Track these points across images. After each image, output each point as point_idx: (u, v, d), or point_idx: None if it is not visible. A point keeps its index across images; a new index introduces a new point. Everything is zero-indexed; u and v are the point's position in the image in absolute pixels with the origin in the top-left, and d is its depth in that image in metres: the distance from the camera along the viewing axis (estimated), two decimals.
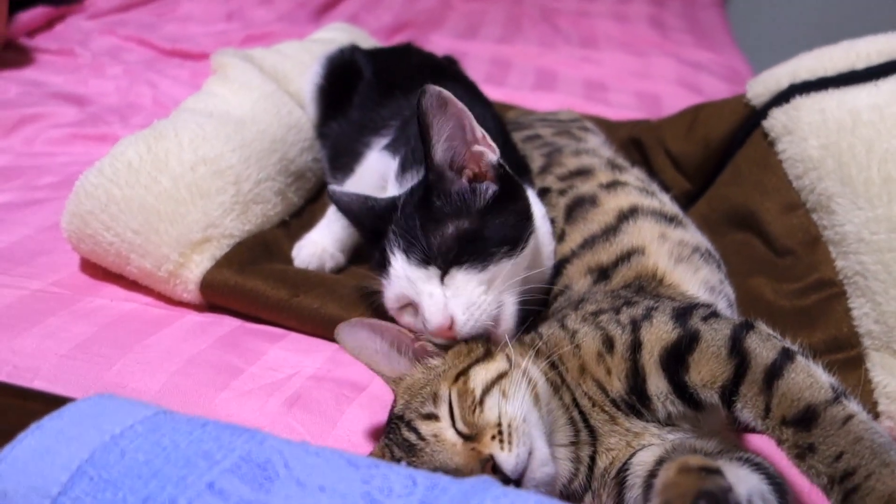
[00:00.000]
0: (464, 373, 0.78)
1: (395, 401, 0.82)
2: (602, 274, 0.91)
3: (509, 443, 0.70)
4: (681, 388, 0.73)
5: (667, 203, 1.02)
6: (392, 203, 0.90)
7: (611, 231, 0.94)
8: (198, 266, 1.04)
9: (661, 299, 0.83)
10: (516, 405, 0.73)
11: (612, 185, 1.02)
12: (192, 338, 0.99)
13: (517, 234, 0.86)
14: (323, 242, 1.14)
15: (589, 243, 0.95)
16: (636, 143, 1.29)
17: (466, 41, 2.33)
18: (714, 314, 0.78)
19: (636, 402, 0.76)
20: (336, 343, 0.99)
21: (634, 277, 0.88)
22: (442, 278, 0.85)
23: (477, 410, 0.74)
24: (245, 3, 2.49)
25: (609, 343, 0.78)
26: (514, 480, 0.70)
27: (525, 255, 0.87)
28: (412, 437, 0.75)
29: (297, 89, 1.33)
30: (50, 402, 0.69)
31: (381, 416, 0.88)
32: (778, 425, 0.67)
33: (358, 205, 0.95)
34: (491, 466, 0.70)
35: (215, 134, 1.11)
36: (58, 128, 1.57)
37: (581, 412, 0.78)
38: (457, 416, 0.74)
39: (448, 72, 1.27)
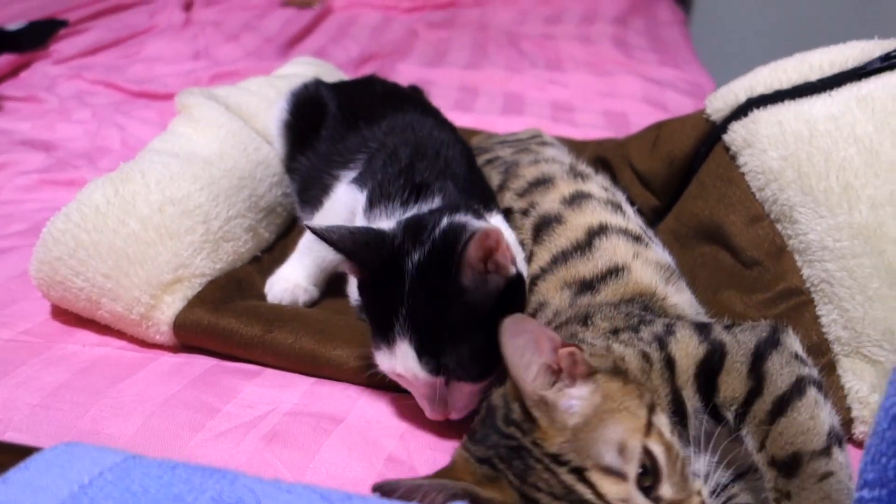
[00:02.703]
0: (651, 423, 0.67)
1: (536, 432, 0.67)
2: (585, 286, 0.91)
3: None
4: (712, 406, 0.73)
5: (632, 218, 1.03)
6: (389, 244, 0.88)
7: (583, 247, 0.94)
8: (169, 307, 1.03)
9: (672, 317, 0.83)
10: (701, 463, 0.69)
11: (576, 199, 1.02)
12: (166, 380, 0.98)
13: None
14: (295, 277, 1.14)
15: (559, 259, 0.95)
16: (603, 161, 1.31)
17: (434, 69, 2.35)
18: (736, 324, 0.78)
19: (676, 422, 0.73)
20: (312, 377, 1.00)
21: (634, 294, 0.88)
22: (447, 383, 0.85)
23: (681, 472, 0.65)
24: (211, 41, 2.49)
25: (647, 359, 0.75)
26: None
27: None
28: (586, 492, 0.63)
29: (263, 126, 1.34)
30: (21, 454, 0.68)
31: (360, 447, 0.88)
32: (766, 464, 0.68)
33: (352, 242, 0.89)
34: None
35: (182, 174, 1.11)
36: (25, 174, 1.56)
37: None
38: (664, 477, 0.64)
39: (412, 101, 1.28)
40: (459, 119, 1.79)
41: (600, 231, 0.96)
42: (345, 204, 1.10)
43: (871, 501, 0.57)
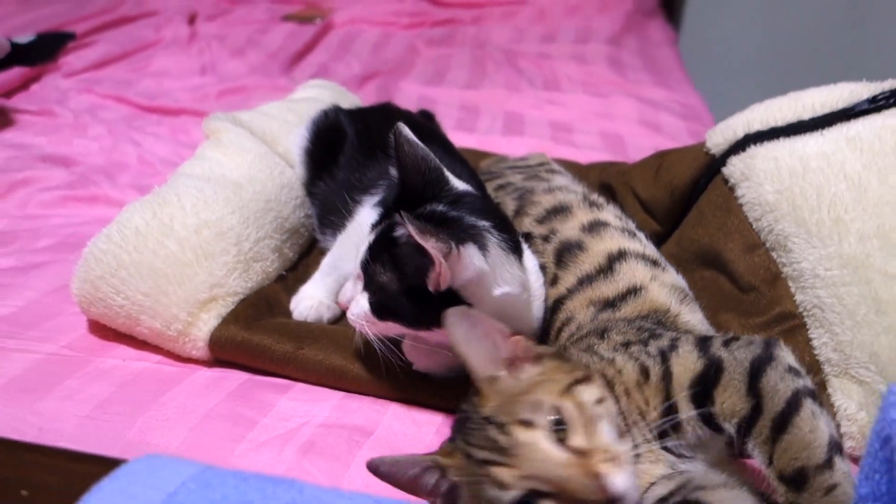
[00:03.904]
0: (571, 388, 0.78)
1: (479, 401, 0.80)
2: (607, 304, 0.98)
3: (619, 466, 0.73)
4: (708, 417, 0.80)
5: (647, 245, 1.11)
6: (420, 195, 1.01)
7: (605, 271, 1.02)
8: (205, 324, 1.10)
9: (681, 331, 0.91)
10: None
11: (594, 227, 1.10)
12: (204, 393, 1.05)
13: None
14: (319, 295, 1.21)
15: (585, 281, 1.02)
16: (607, 187, 1.39)
17: (435, 87, 2.42)
18: (735, 338, 0.85)
19: (669, 429, 0.81)
20: (342, 391, 1.07)
21: (650, 311, 0.96)
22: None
23: (591, 429, 0.75)
24: (217, 56, 2.54)
25: (645, 373, 0.83)
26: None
27: None
28: (504, 440, 0.75)
29: (284, 149, 1.41)
30: (73, 458, 0.74)
31: None
32: (776, 479, 0.75)
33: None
34: (600, 486, 0.71)
35: (215, 198, 1.18)
36: (48, 190, 1.62)
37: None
38: (572, 429, 0.75)
39: (426, 132, 1.35)
40: (464, 139, 1.87)
41: (620, 256, 1.04)
42: (368, 226, 1.17)
43: None
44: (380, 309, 0.96)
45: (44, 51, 2.43)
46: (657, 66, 2.68)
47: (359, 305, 0.98)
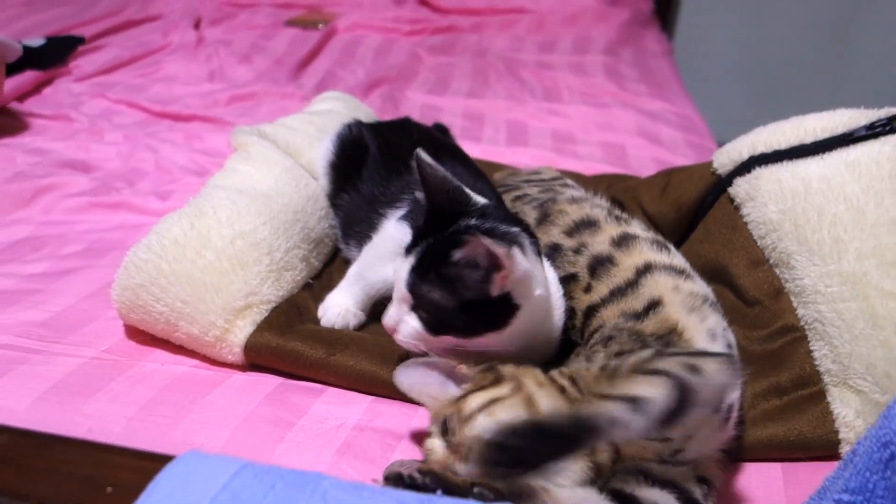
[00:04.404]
0: (464, 398, 0.91)
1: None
2: (635, 315, 1.04)
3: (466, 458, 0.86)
4: None
5: (676, 256, 1.15)
6: (452, 211, 1.07)
7: (633, 284, 1.07)
8: (241, 330, 1.16)
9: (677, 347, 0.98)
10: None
11: (624, 241, 1.14)
12: (242, 396, 1.11)
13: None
14: (346, 303, 1.27)
15: (616, 294, 1.07)
16: (616, 202, 1.46)
17: (439, 96, 2.48)
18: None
19: None
20: (371, 395, 1.14)
21: (665, 331, 1.01)
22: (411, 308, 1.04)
23: (461, 429, 0.88)
24: (225, 62, 2.59)
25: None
26: None
27: None
28: (426, 448, 0.94)
29: (308, 161, 1.47)
30: (151, 458, 0.80)
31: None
32: None
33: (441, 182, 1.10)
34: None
35: (248, 209, 1.24)
36: (72, 197, 1.66)
37: None
38: (450, 431, 0.90)
39: (446, 147, 1.42)
40: (469, 149, 1.91)
41: (646, 270, 1.07)
42: (394, 238, 1.23)
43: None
44: (435, 326, 1.02)
45: (54, 55, 2.47)
46: (654, 76, 2.76)
47: (409, 326, 1.04)
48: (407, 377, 1.01)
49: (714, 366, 0.83)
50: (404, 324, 1.04)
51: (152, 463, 0.70)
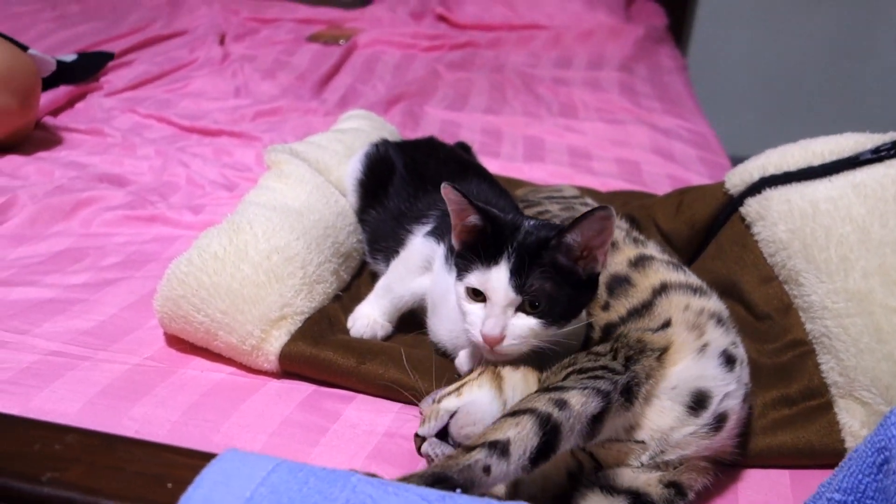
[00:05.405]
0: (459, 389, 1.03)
1: None
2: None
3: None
4: None
5: (691, 276, 1.18)
6: (514, 224, 1.10)
7: (648, 305, 1.11)
8: (277, 340, 1.22)
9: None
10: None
11: (640, 262, 1.17)
12: (278, 401, 1.17)
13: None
14: (374, 314, 1.34)
15: (633, 315, 1.11)
16: (631, 218, 1.52)
17: (457, 112, 2.55)
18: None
19: None
20: (399, 402, 1.20)
21: (638, 350, 1.03)
22: (516, 310, 1.07)
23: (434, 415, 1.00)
24: (249, 78, 2.67)
25: None
26: None
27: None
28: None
29: (336, 178, 1.54)
30: (204, 457, 0.86)
31: None
32: None
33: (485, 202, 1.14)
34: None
35: (282, 225, 1.31)
36: (110, 210, 1.73)
37: None
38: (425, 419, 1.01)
39: (471, 167, 1.48)
40: (489, 165, 1.97)
41: (661, 290, 1.11)
42: (421, 253, 1.30)
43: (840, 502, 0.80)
44: (550, 314, 1.06)
45: (85, 70, 2.55)
46: (668, 93, 2.82)
47: (520, 325, 1.06)
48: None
49: (581, 398, 0.89)
50: (513, 326, 1.07)
51: (205, 461, 0.76)
